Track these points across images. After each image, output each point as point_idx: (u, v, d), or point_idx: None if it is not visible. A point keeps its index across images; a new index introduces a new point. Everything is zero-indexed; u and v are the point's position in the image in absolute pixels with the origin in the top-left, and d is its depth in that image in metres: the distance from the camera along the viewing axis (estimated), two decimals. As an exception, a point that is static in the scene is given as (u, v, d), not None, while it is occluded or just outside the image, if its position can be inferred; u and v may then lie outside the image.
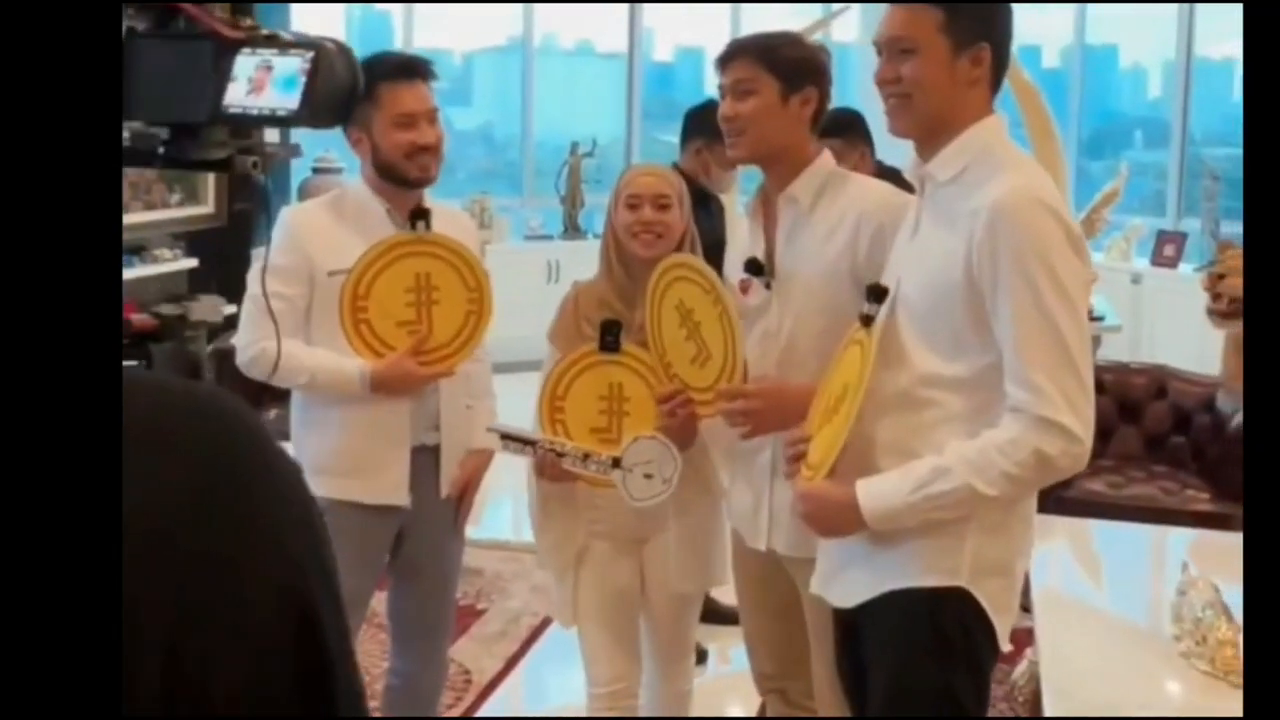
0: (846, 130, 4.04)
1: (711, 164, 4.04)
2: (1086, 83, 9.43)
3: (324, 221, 2.79)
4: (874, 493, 2.07)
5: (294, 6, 6.91)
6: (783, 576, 2.59)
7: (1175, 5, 8.59)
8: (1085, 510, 3.98)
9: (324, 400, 2.78)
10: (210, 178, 6.29)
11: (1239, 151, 9.79)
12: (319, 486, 2.75)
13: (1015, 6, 2.15)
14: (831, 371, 2.25)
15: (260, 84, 1.48)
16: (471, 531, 3.12)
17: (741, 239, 2.67)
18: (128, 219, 5.74)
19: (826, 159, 2.51)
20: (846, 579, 2.23)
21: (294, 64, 1.50)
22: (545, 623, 4.29)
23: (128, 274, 5.56)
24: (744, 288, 2.56)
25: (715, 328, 2.50)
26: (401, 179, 2.76)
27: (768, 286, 2.51)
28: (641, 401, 2.69)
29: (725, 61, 2.49)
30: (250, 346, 2.73)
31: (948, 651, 2.09)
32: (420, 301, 2.74)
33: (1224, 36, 9.19)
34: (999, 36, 2.11)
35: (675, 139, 4.20)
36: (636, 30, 9.87)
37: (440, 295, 2.74)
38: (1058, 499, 3.78)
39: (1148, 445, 4.66)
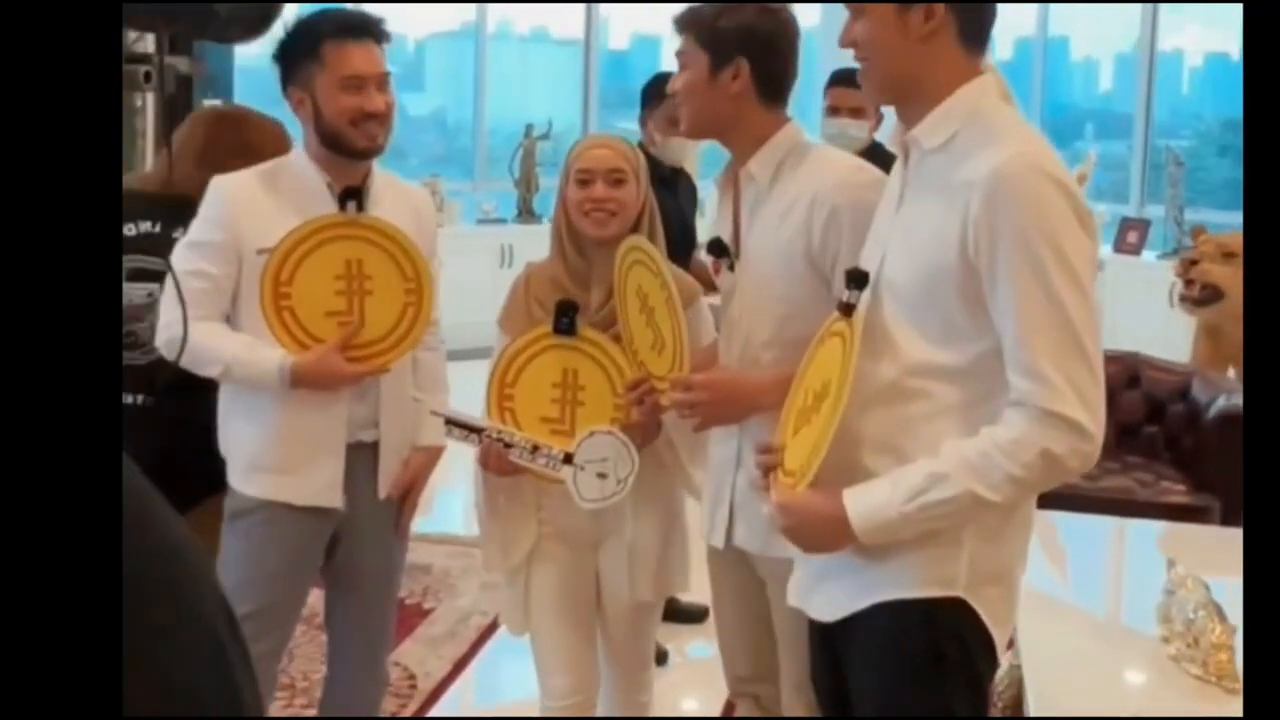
0: None
1: (656, 133, 4.05)
2: (1045, 75, 9.40)
3: (256, 193, 2.53)
4: (864, 504, 1.86)
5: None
6: (755, 580, 2.41)
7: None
8: (1057, 503, 3.77)
9: (253, 389, 2.54)
10: (149, 142, 6.00)
11: (1190, 143, 9.90)
12: (246, 484, 2.57)
13: None
14: (806, 366, 2.06)
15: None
16: (419, 524, 2.93)
17: (712, 217, 2.52)
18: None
19: (789, 132, 2.32)
20: (829, 590, 2.03)
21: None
22: (496, 622, 4.07)
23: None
24: (715, 270, 2.40)
25: (665, 314, 2.37)
26: (346, 148, 2.53)
27: (731, 269, 2.35)
28: (597, 391, 2.51)
29: (677, 34, 2.36)
30: (166, 328, 2.49)
31: (944, 668, 1.90)
32: (351, 290, 2.50)
33: (1175, 28, 9.17)
34: None
35: (634, 125, 4.11)
36: (593, 16, 9.70)
37: (374, 285, 2.51)
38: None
39: (1120, 435, 4.49)
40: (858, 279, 1.94)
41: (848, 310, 1.94)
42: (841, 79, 4.10)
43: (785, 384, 2.13)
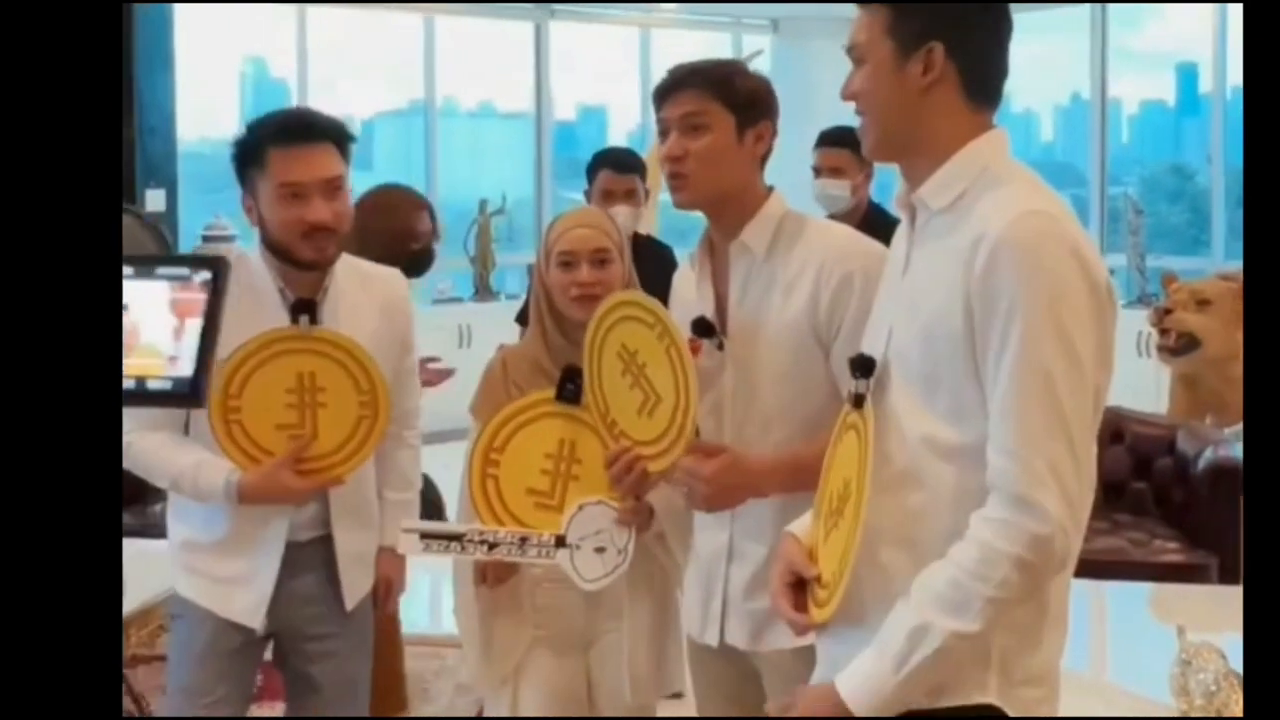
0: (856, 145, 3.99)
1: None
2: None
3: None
4: (857, 686, 1.71)
5: (180, 72, 6.44)
6: (747, 679, 2.22)
7: (1069, 48, 8.87)
8: (1105, 571, 3.65)
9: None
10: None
11: (1137, 190, 9.96)
12: (178, 581, 2.50)
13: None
14: (828, 466, 1.91)
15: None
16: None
17: (684, 295, 2.33)
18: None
19: (778, 201, 2.19)
20: None
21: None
22: (475, 728, 3.78)
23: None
24: (694, 349, 2.20)
25: (663, 367, 2.18)
26: (293, 260, 2.41)
27: (720, 348, 2.18)
28: (594, 467, 2.32)
29: (668, 92, 2.17)
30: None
31: None
32: (304, 404, 2.40)
33: (1113, 77, 9.22)
34: (960, 35, 1.78)
35: (582, 196, 4.03)
36: (544, 86, 9.64)
37: (326, 397, 2.40)
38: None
39: (1106, 493, 4.33)
40: (864, 366, 1.80)
41: (859, 402, 1.80)
42: (822, 139, 4.09)
43: (788, 468, 2.06)
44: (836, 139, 4.05)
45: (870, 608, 1.77)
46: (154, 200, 6.11)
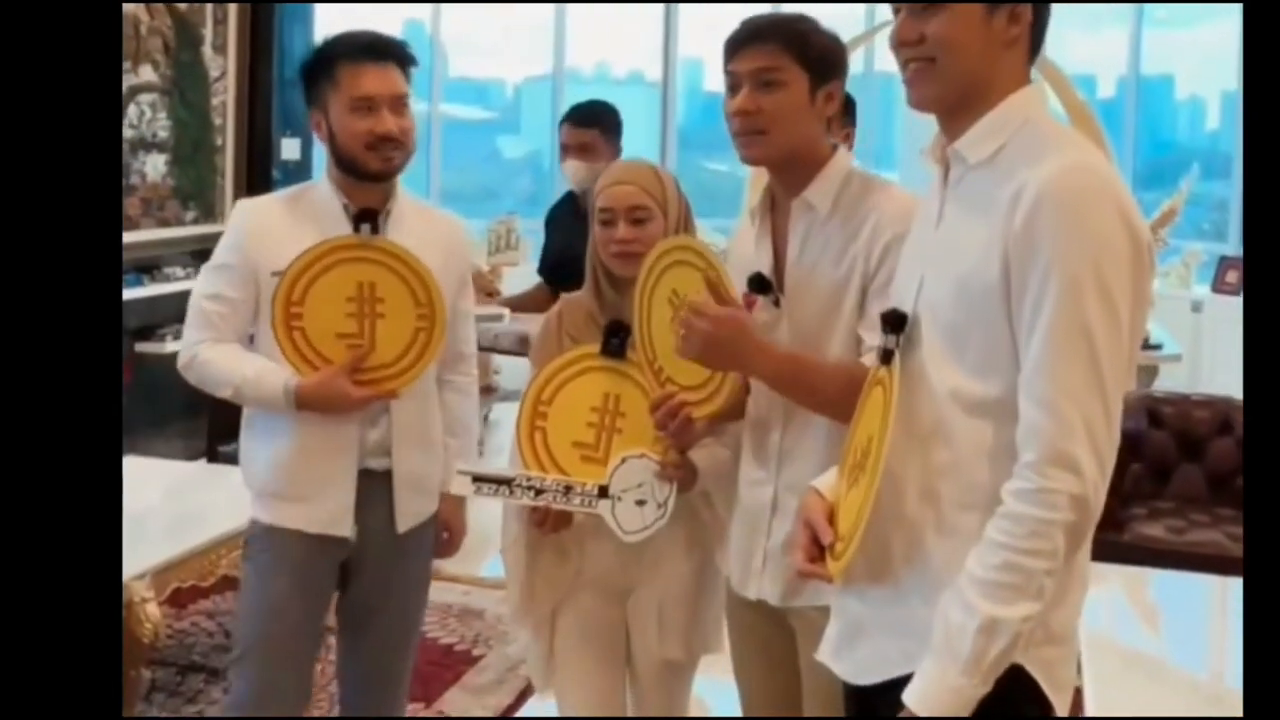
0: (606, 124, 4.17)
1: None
2: (1142, 114, 9.08)
3: (276, 217, 2.53)
4: (936, 699, 1.65)
5: (319, 27, 6.60)
6: (783, 635, 2.22)
7: (1235, 34, 8.31)
8: (1142, 557, 3.57)
9: (265, 412, 2.53)
10: (228, 194, 6.01)
11: None
12: (258, 509, 2.54)
13: (1068, 34, 1.76)
14: (856, 420, 1.90)
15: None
16: (476, 568, 2.77)
17: (743, 251, 2.31)
18: (139, 236, 5.47)
19: (843, 159, 2.17)
20: (862, 650, 1.85)
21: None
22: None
23: (138, 293, 5.28)
24: (748, 304, 2.20)
25: None
26: (360, 171, 2.49)
27: (776, 304, 2.17)
28: (638, 420, 2.35)
29: (740, 45, 2.13)
30: (185, 350, 2.53)
31: None
32: (363, 313, 2.46)
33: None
34: None
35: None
36: (672, 54, 9.64)
37: (386, 308, 2.46)
38: (1108, 543, 3.32)
39: (1211, 485, 4.20)
40: (894, 322, 1.79)
41: (887, 357, 1.79)
42: (570, 116, 4.17)
43: (789, 363, 2.06)
44: (586, 118, 4.12)
45: (896, 564, 1.78)
46: (289, 149, 6.27)
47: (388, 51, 2.48)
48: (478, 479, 2.38)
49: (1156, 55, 9.21)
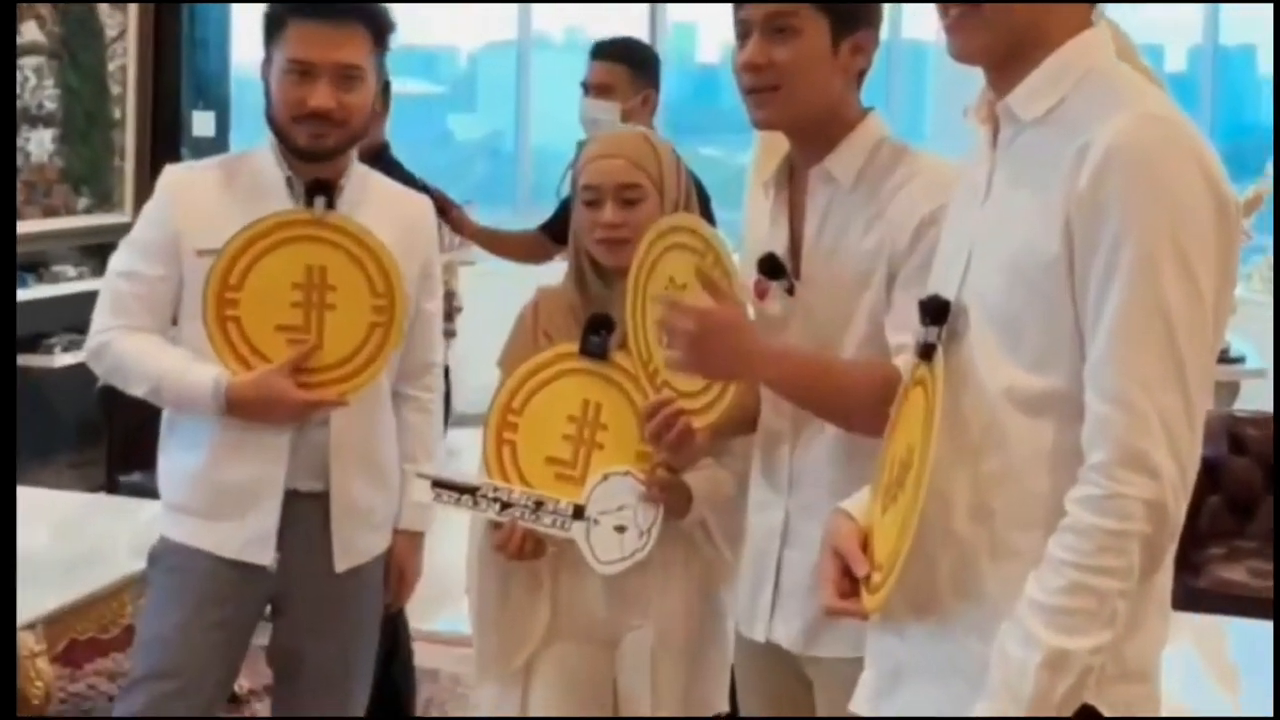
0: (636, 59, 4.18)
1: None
2: (1220, 90, 9.14)
3: (205, 185, 2.60)
4: None
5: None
6: (798, 685, 2.26)
7: None
8: (1219, 605, 3.61)
9: (188, 415, 2.57)
10: (129, 177, 6.02)
11: None
12: (167, 525, 2.59)
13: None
14: (892, 429, 1.92)
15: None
16: (424, 624, 2.99)
17: (758, 231, 2.36)
18: (23, 227, 5.48)
19: (874, 124, 2.22)
20: (905, 697, 1.86)
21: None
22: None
23: (23, 295, 5.29)
24: (759, 292, 2.26)
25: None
26: (288, 144, 2.55)
27: (790, 292, 2.21)
28: (622, 432, 2.40)
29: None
30: (94, 336, 2.57)
31: None
32: (310, 303, 2.50)
33: None
34: None
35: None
36: (660, 18, 9.69)
37: (337, 298, 2.50)
38: (1181, 588, 3.34)
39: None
40: (934, 311, 1.80)
41: (928, 352, 1.81)
42: (597, 50, 4.23)
43: (800, 364, 2.09)
44: (612, 51, 4.20)
45: (944, 595, 1.79)
46: (201, 123, 6.28)
47: (349, 11, 2.51)
48: (438, 484, 2.41)
49: (1236, 23, 9.30)
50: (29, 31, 5.56)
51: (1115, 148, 1.62)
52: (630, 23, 9.76)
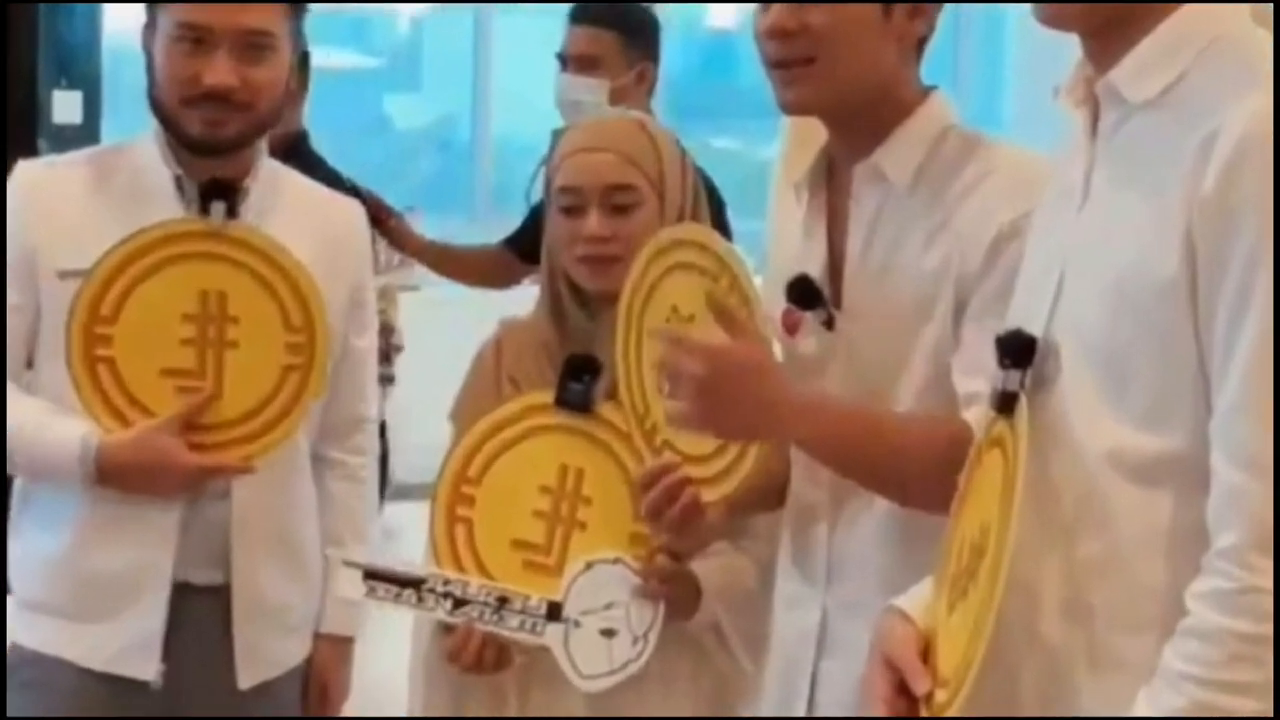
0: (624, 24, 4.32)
1: None
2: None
3: (71, 188, 2.63)
4: None
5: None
6: None
7: None
8: None
9: (46, 485, 2.60)
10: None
11: None
12: (23, 629, 2.61)
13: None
14: (960, 505, 1.97)
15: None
16: None
17: (786, 246, 2.44)
18: None
19: (937, 108, 2.29)
20: None
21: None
22: None
23: None
24: (789, 325, 2.31)
25: None
26: (176, 132, 2.59)
27: (829, 325, 2.25)
28: (610, 507, 2.45)
29: None
30: None
31: None
32: (206, 339, 2.54)
33: None
34: None
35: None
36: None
37: (241, 333, 2.55)
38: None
39: None
40: (1016, 350, 1.84)
41: (1008, 404, 1.84)
42: (576, 14, 4.35)
43: (848, 423, 2.12)
44: (596, 14, 4.30)
45: (1028, 715, 1.84)
46: (65, 106, 6.34)
47: None
48: (371, 575, 2.44)
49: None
50: None
51: (1250, 138, 1.65)
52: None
